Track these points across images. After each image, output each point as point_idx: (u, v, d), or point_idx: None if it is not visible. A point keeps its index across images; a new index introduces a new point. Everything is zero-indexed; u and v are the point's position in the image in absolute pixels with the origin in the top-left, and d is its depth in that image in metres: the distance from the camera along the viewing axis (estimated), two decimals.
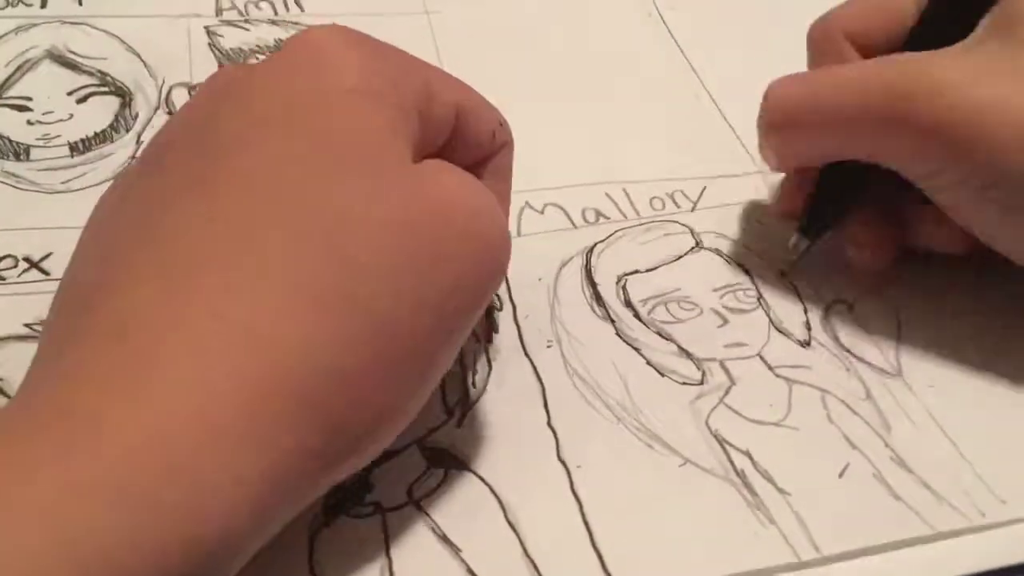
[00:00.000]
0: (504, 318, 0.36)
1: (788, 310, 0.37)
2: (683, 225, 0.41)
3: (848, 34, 0.36)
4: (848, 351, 0.36)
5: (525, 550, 0.29)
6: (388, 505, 0.30)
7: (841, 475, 0.32)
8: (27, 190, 0.40)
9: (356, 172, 0.25)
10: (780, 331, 0.36)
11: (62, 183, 0.40)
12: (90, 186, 0.40)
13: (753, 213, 0.41)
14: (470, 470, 0.31)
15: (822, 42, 0.37)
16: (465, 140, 0.31)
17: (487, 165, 0.32)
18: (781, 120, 0.36)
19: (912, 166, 0.33)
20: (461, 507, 0.30)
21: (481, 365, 0.35)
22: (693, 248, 0.40)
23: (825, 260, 0.38)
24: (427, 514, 0.30)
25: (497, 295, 0.37)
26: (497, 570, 0.29)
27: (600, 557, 0.29)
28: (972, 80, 0.31)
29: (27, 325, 0.34)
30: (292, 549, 0.28)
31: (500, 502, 0.30)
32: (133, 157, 0.42)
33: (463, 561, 0.29)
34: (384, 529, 0.29)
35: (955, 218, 0.34)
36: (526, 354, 0.35)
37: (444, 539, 0.29)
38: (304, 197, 0.25)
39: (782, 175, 0.40)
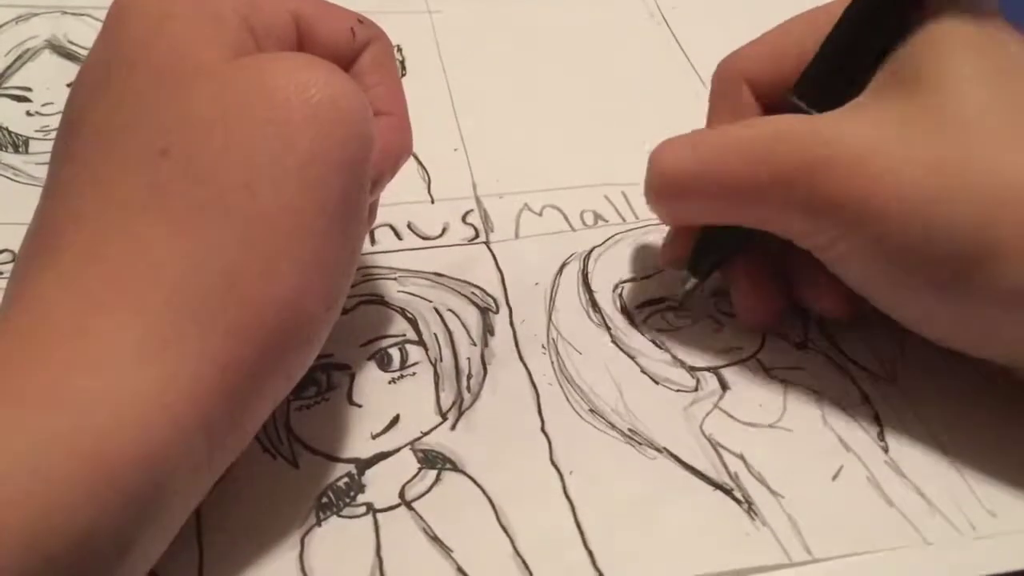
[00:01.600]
0: (500, 321, 0.36)
1: (784, 312, 0.37)
2: None
3: (747, 77, 0.35)
4: (844, 355, 0.36)
5: (516, 550, 0.29)
6: (380, 506, 0.30)
7: (835, 478, 0.32)
8: (26, 183, 0.40)
9: (172, 88, 0.27)
10: (776, 334, 0.36)
11: None
12: None
13: None
14: (463, 472, 0.31)
15: (720, 83, 0.36)
16: (317, 43, 0.32)
17: (359, 61, 0.33)
18: (667, 190, 0.34)
19: (803, 238, 0.32)
20: (453, 508, 0.30)
21: (476, 369, 0.34)
22: None
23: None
24: (419, 515, 0.30)
25: (492, 297, 0.37)
26: (488, 570, 0.29)
27: (592, 556, 0.29)
28: (863, 148, 0.30)
29: None
30: (282, 548, 0.29)
31: (492, 503, 0.30)
32: None
33: (454, 561, 0.29)
34: (375, 530, 0.29)
35: (846, 282, 0.33)
36: (521, 359, 0.35)
37: (435, 540, 0.29)
38: (138, 128, 0.26)
39: None
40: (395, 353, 0.35)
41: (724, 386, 0.34)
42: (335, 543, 0.29)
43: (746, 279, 0.36)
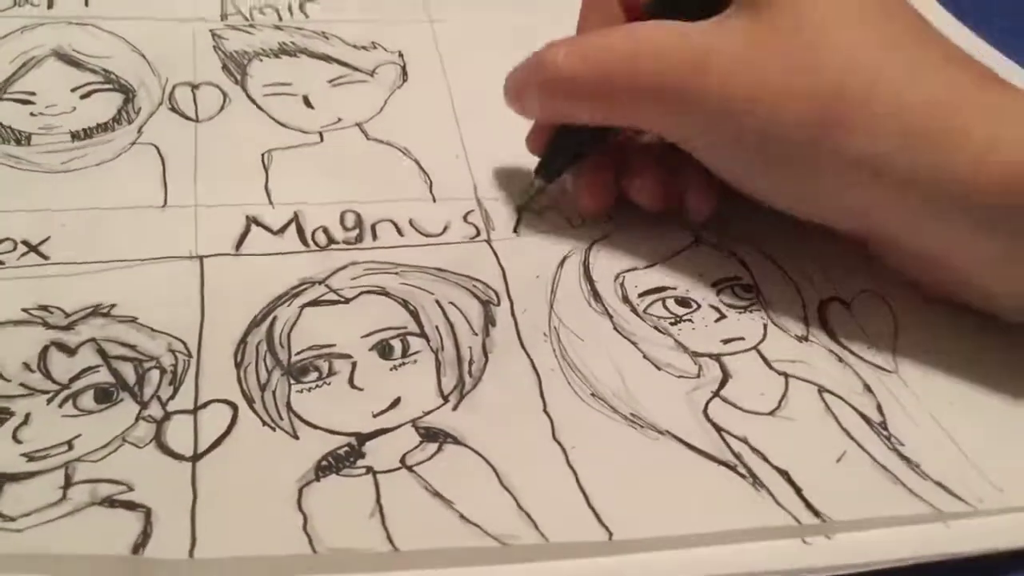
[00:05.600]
0: (501, 313, 0.36)
1: (786, 306, 0.37)
2: (681, 223, 0.41)
3: None
4: (845, 347, 0.36)
5: (520, 506, 0.29)
6: (380, 469, 0.30)
7: (838, 461, 0.31)
8: (28, 170, 0.40)
9: None
10: (777, 326, 0.36)
11: (62, 163, 0.41)
12: (91, 166, 0.41)
13: (752, 210, 0.41)
14: (465, 445, 0.31)
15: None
16: None
17: None
18: (555, 89, 0.38)
19: (671, 132, 0.37)
20: (455, 473, 0.30)
21: (477, 356, 0.34)
22: (692, 244, 0.40)
23: (823, 256, 0.39)
24: (420, 476, 0.30)
25: (494, 290, 0.37)
26: (493, 521, 0.28)
27: (596, 514, 0.29)
28: (729, 57, 0.34)
29: (25, 310, 0.34)
30: (279, 496, 0.29)
31: (495, 470, 0.30)
32: (134, 143, 0.42)
33: (457, 511, 0.29)
34: (375, 486, 0.29)
35: (709, 166, 0.37)
36: (523, 347, 0.35)
37: (437, 495, 0.29)
38: None
39: None
40: (396, 344, 0.34)
41: (726, 374, 0.34)
42: (334, 493, 0.29)
43: (585, 175, 0.41)
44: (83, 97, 0.44)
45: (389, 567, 0.27)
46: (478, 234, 0.40)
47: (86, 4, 0.49)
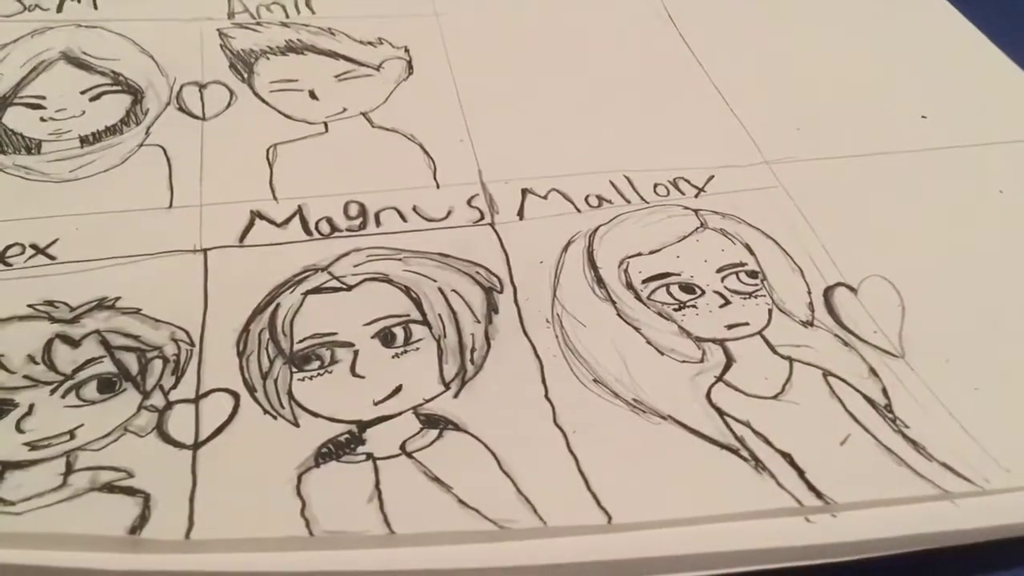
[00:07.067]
0: (504, 300, 0.36)
1: (791, 291, 0.37)
2: (687, 208, 0.40)
3: None
4: (851, 332, 0.35)
5: (519, 490, 0.29)
6: (380, 455, 0.30)
7: (843, 443, 0.31)
8: (37, 180, 0.40)
9: None
10: (782, 311, 0.36)
11: (70, 172, 0.41)
12: (98, 173, 0.41)
13: (760, 197, 0.41)
14: (466, 431, 0.31)
15: None
16: None
17: None
18: None
19: None
20: (454, 458, 0.30)
21: (479, 343, 0.34)
22: (697, 229, 0.39)
23: (830, 242, 0.39)
24: (420, 462, 0.30)
25: (498, 277, 0.37)
26: (491, 505, 0.28)
27: (596, 498, 0.29)
28: None
29: (30, 306, 0.34)
30: (278, 481, 0.29)
31: (495, 455, 0.30)
32: (142, 145, 0.42)
33: (455, 496, 0.29)
34: (375, 472, 0.29)
35: None
36: (525, 334, 0.35)
37: (436, 480, 0.29)
38: None
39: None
40: (399, 332, 0.34)
41: (730, 358, 0.34)
42: (333, 478, 0.29)
43: None
44: (92, 100, 0.45)
45: (384, 547, 0.27)
46: (482, 218, 0.40)
47: (95, 7, 0.50)
